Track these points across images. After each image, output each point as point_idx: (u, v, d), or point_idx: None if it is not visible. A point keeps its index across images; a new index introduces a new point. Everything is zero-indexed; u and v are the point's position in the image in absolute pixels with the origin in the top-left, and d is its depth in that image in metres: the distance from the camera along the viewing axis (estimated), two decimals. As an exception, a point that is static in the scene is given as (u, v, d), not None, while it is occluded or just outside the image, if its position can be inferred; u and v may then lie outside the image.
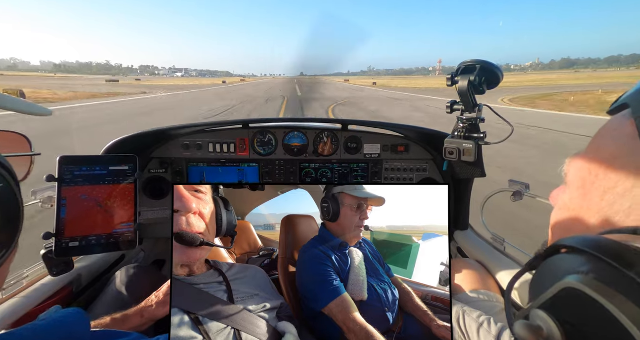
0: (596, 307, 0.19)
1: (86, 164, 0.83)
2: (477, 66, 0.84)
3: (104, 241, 0.83)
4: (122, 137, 1.20)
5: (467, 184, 1.34)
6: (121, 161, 0.86)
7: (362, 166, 1.50)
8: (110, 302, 0.97)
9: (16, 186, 0.35)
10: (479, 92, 0.87)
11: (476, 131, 0.92)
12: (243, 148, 1.45)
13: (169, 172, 1.42)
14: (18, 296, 0.85)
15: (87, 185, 0.82)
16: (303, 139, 1.47)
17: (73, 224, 0.81)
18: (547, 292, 0.22)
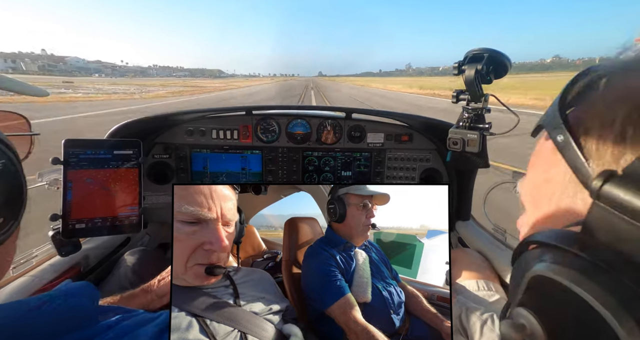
0: (561, 288, 0.21)
1: (91, 148, 0.84)
2: (484, 55, 0.82)
3: (109, 224, 0.85)
4: (126, 121, 1.20)
5: (470, 175, 1.33)
6: (125, 146, 0.87)
7: (365, 155, 1.49)
8: (118, 283, 1.00)
9: (18, 163, 0.36)
10: (486, 81, 0.86)
11: (481, 121, 0.91)
12: (246, 135, 1.45)
13: (173, 157, 1.43)
14: (27, 275, 0.87)
15: (92, 168, 0.83)
16: (306, 126, 1.46)
17: (79, 206, 0.82)
18: (520, 286, 0.25)
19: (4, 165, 0.34)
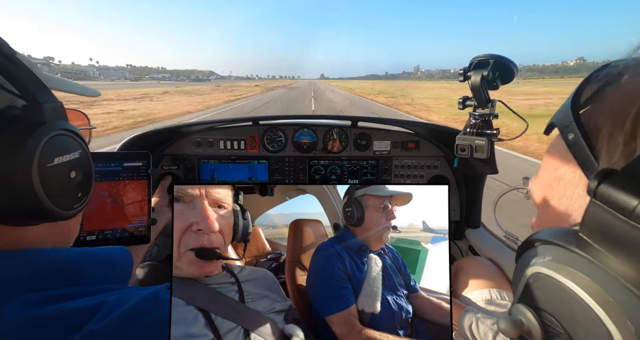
0: (557, 286, 0.22)
1: (101, 160, 0.85)
2: (490, 61, 0.82)
3: (119, 235, 0.86)
4: (136, 134, 1.22)
5: (479, 181, 1.32)
6: (135, 158, 0.88)
7: (372, 163, 1.49)
8: None
9: (88, 151, 0.47)
10: (492, 87, 0.86)
11: (489, 127, 0.90)
12: (253, 145, 1.46)
13: (181, 168, 1.44)
14: None
15: (103, 181, 0.85)
16: (312, 136, 1.47)
17: (90, 219, 0.83)
18: (520, 283, 0.25)
19: (80, 153, 0.44)
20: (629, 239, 0.18)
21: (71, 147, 0.43)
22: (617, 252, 0.20)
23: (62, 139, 0.42)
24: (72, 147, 0.43)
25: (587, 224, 0.21)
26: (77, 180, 0.44)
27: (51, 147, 0.39)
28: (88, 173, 0.46)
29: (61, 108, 0.43)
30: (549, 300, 0.23)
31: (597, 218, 0.20)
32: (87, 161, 0.46)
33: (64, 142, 0.42)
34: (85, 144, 0.46)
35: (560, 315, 0.22)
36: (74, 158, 0.43)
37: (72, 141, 0.44)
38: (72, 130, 0.44)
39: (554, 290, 0.22)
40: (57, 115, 0.42)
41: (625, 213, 0.18)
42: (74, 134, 0.44)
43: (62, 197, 0.41)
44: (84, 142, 0.46)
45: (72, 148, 0.43)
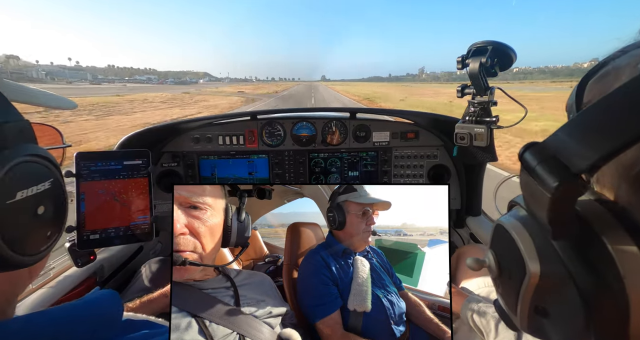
0: (507, 234, 0.28)
1: (101, 159, 0.85)
2: (488, 47, 0.81)
3: (122, 233, 0.86)
4: (134, 132, 1.22)
5: (479, 169, 1.32)
6: (134, 156, 0.88)
7: (372, 155, 1.49)
8: (137, 294, 1.02)
9: (62, 179, 0.39)
10: (490, 74, 0.85)
11: (488, 115, 0.90)
12: (252, 139, 1.46)
13: (181, 165, 1.44)
14: (46, 287, 0.89)
15: (104, 179, 0.85)
16: (311, 129, 1.46)
17: (92, 217, 0.84)
18: (491, 233, 0.32)
19: (52, 183, 0.37)
20: (540, 197, 0.23)
21: (40, 176, 0.35)
22: (535, 208, 0.24)
23: (28, 166, 0.34)
24: (41, 176, 0.36)
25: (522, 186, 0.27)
26: (47, 216, 0.36)
27: (12, 179, 0.32)
28: (60, 205, 0.39)
29: (27, 128, 0.35)
30: (502, 245, 0.29)
31: (524, 182, 0.25)
32: (59, 191, 0.38)
33: (30, 171, 0.34)
34: (57, 169, 0.38)
35: (506, 256, 0.29)
36: (43, 189, 0.35)
37: (41, 168, 0.36)
38: (41, 155, 0.36)
39: (505, 238, 0.28)
40: (23, 138, 0.35)
41: (536, 177, 0.22)
42: (42, 159, 0.36)
43: (26, 241, 0.34)
44: (56, 167, 0.38)
45: (41, 177, 0.36)
